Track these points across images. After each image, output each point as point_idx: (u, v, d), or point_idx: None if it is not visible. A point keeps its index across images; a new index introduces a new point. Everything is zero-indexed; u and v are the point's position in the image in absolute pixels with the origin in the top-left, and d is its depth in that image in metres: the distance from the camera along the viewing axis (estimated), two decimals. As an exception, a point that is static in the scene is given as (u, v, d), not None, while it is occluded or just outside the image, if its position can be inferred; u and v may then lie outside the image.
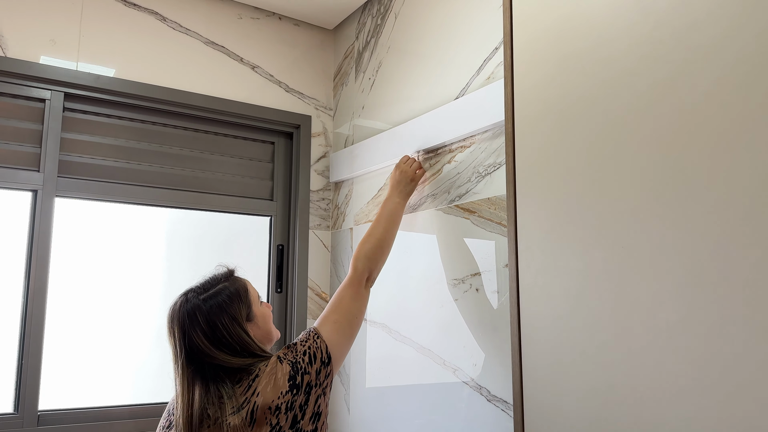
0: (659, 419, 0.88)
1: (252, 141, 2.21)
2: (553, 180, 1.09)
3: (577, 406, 1.00)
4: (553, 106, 1.10)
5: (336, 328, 1.43)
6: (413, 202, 1.84)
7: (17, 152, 1.80)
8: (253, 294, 1.44)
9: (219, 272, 1.45)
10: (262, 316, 1.45)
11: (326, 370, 1.36)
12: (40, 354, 1.73)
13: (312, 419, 1.32)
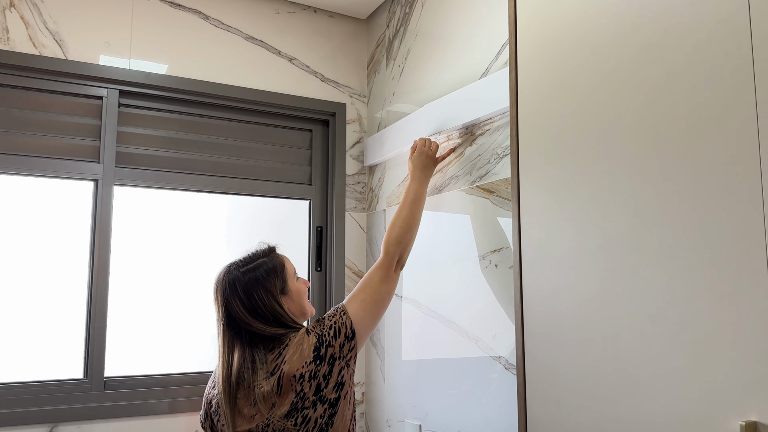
0: (643, 376, 0.95)
1: (291, 129, 2.35)
2: (553, 163, 1.16)
3: (571, 366, 1.08)
4: (554, 93, 1.17)
5: (362, 307, 1.54)
6: (438, 183, 1.93)
7: (79, 146, 2.00)
8: (290, 270, 1.58)
9: (260, 248, 1.61)
10: (296, 291, 1.59)
11: (350, 345, 1.47)
12: (104, 326, 1.94)
13: (335, 388, 1.45)
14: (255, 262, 1.57)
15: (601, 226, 1.04)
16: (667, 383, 0.92)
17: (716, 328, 0.85)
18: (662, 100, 0.95)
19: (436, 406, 1.87)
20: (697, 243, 0.88)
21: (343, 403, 1.48)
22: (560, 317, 1.11)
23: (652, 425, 0.93)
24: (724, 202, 0.85)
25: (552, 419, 1.12)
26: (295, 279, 1.62)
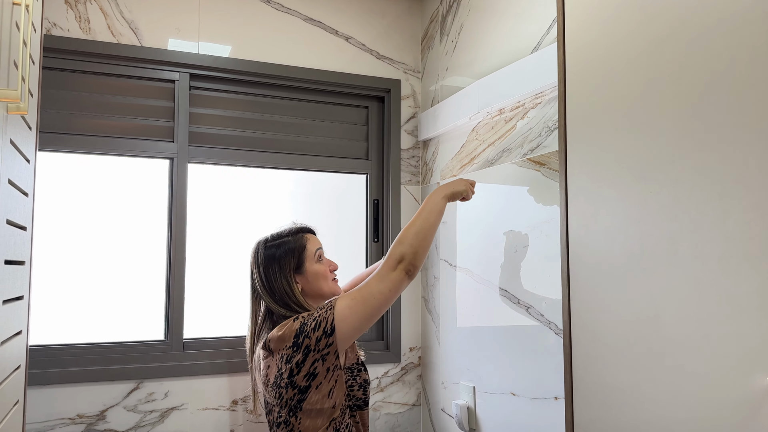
0: (680, 338, 1.02)
1: (348, 106, 2.45)
2: (599, 136, 1.22)
3: (614, 329, 1.15)
4: (601, 68, 1.22)
5: (350, 305, 1.53)
6: (490, 157, 1.99)
7: (155, 126, 2.16)
8: (310, 251, 1.70)
9: (289, 227, 1.76)
10: (314, 272, 1.70)
11: (327, 340, 1.51)
12: (183, 293, 2.12)
13: (306, 377, 1.52)
14: (279, 240, 1.72)
15: (644, 197, 1.09)
16: (702, 344, 0.97)
17: (750, 294, 0.90)
18: (707, 78, 0.99)
19: (489, 369, 1.96)
20: (732, 213, 0.93)
21: (314, 393, 1.52)
22: (603, 284, 1.18)
23: (687, 384, 0.99)
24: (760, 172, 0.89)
25: (594, 379, 1.19)
26: (316, 261, 1.70)
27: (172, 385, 2.06)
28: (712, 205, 0.97)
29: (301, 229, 1.76)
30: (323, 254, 1.75)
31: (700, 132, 1.00)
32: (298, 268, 1.69)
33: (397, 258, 1.56)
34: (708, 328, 0.97)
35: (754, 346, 0.90)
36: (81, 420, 1.95)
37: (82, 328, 2.04)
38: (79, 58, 2.06)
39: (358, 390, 1.64)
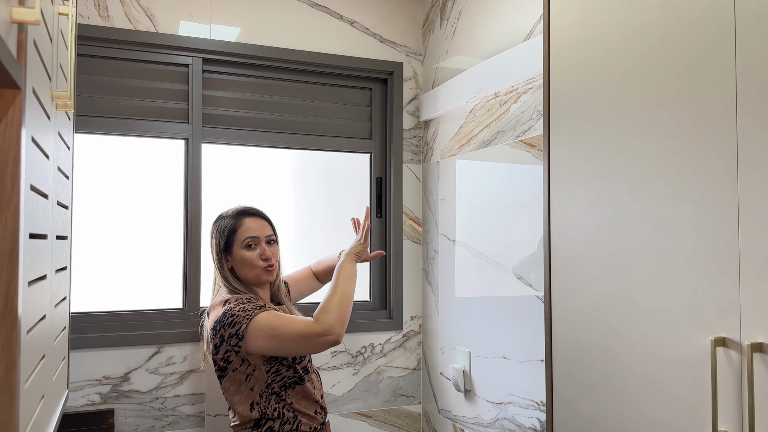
0: (642, 302, 1.15)
1: (352, 88, 2.57)
2: (579, 120, 1.34)
3: (588, 296, 1.29)
4: (583, 58, 1.34)
5: (267, 332, 1.63)
6: (486, 138, 2.12)
7: (171, 109, 2.29)
8: (240, 237, 1.78)
9: (233, 208, 1.88)
10: (240, 257, 1.78)
11: (237, 341, 1.64)
12: (199, 265, 2.28)
13: (223, 360, 1.68)
14: (221, 219, 1.86)
15: (614, 177, 1.22)
16: (659, 307, 1.11)
17: (695, 263, 1.03)
18: (677, 72, 1.11)
19: (483, 335, 2.12)
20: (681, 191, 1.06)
21: (231, 375, 1.68)
22: (580, 256, 1.32)
23: (646, 339, 1.13)
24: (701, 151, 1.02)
25: (571, 338, 1.34)
26: (243, 247, 1.77)
27: (190, 349, 2.22)
28: (666, 186, 1.10)
29: (241, 211, 1.84)
30: (259, 243, 1.80)
31: (666, 118, 1.12)
32: (227, 249, 1.80)
33: (327, 329, 1.65)
34: (663, 293, 1.11)
35: (697, 307, 1.04)
36: (107, 381, 2.12)
37: (108, 297, 2.20)
38: (99, 44, 2.19)
39: (287, 370, 1.72)
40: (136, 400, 2.15)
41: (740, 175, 0.99)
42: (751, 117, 0.97)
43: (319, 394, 1.83)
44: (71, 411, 2.07)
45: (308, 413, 1.76)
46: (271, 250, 1.82)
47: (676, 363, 1.09)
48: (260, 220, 1.85)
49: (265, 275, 1.79)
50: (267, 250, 1.80)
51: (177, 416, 2.20)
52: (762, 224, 0.95)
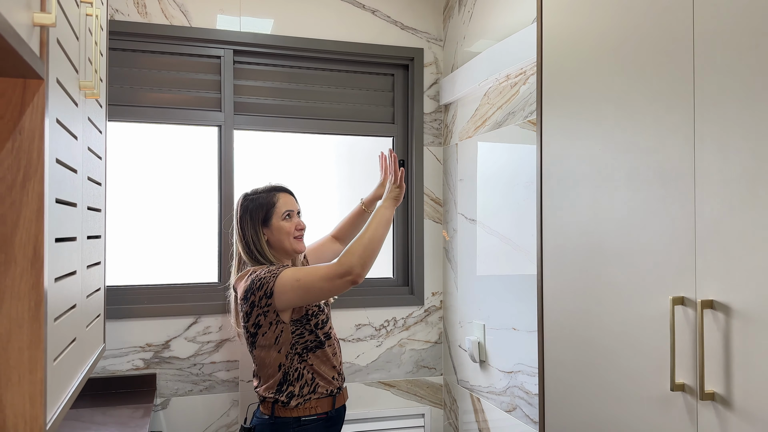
0: (618, 271, 1.23)
1: (375, 75, 2.68)
2: (567, 103, 1.42)
3: (572, 262, 1.38)
4: (571, 41, 1.41)
5: (292, 284, 1.77)
6: (499, 119, 2.20)
7: (204, 98, 2.46)
8: (279, 209, 1.90)
9: (264, 186, 1.99)
10: (278, 227, 1.90)
11: (267, 300, 1.78)
12: (232, 242, 2.45)
13: (253, 325, 1.84)
14: (255, 195, 1.96)
15: (591, 154, 1.30)
16: (629, 273, 1.19)
17: (656, 228, 1.11)
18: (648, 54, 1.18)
19: (496, 309, 2.21)
20: (647, 168, 1.13)
21: (261, 340, 1.83)
22: (566, 225, 1.40)
23: (619, 301, 1.21)
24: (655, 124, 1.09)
25: (561, 307, 1.43)
26: (282, 218, 1.91)
27: (225, 320, 2.41)
28: (636, 155, 1.18)
29: (274, 188, 1.97)
30: (294, 215, 1.94)
31: (636, 97, 1.20)
32: (266, 222, 1.91)
33: (347, 269, 1.75)
34: (635, 256, 1.19)
35: (659, 268, 1.12)
36: (150, 348, 2.33)
37: (151, 272, 2.41)
38: (138, 39, 2.37)
39: (310, 335, 1.85)
40: (176, 366, 2.35)
41: (697, 152, 1.06)
42: (707, 97, 1.04)
43: (338, 362, 1.96)
44: (118, 374, 2.29)
45: (326, 377, 1.89)
46: (302, 223, 1.98)
47: (643, 320, 1.17)
48: (291, 196, 1.99)
49: (297, 243, 1.93)
50: (300, 221, 1.96)
51: (213, 381, 2.39)
52: (712, 197, 1.02)
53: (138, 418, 2.03)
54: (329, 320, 1.95)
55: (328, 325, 1.94)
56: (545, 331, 1.50)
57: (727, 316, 1.00)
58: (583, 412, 1.35)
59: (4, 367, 0.79)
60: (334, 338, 1.97)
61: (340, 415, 1.96)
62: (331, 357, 1.92)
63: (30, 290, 0.80)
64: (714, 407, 1.02)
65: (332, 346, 1.94)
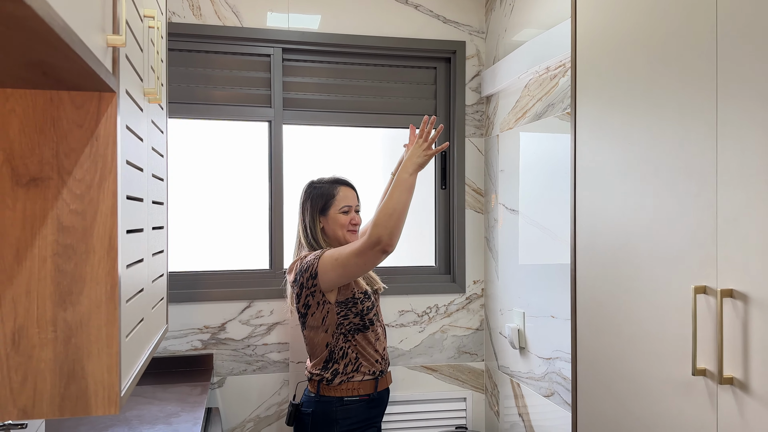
0: (645, 255, 1.28)
1: (418, 68, 2.75)
2: (599, 98, 1.46)
3: (603, 251, 1.43)
4: (604, 41, 1.45)
5: (332, 264, 1.89)
6: (539, 111, 2.24)
7: (255, 94, 2.59)
8: (339, 201, 2.02)
9: (329, 177, 2.10)
10: (334, 218, 2.03)
11: (313, 281, 1.92)
12: (282, 231, 2.59)
13: (303, 306, 1.98)
14: (319, 184, 2.08)
15: (621, 148, 1.34)
16: (656, 259, 1.24)
17: (680, 220, 1.15)
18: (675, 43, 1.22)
19: (535, 297, 2.27)
20: (672, 157, 1.17)
21: (310, 320, 1.97)
22: (598, 217, 1.45)
23: (646, 290, 1.26)
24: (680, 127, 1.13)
25: (593, 296, 1.48)
26: (339, 211, 2.02)
27: (276, 304, 2.55)
28: (664, 152, 1.22)
29: (338, 180, 2.08)
30: (351, 210, 2.04)
31: (664, 93, 1.24)
32: (323, 211, 2.03)
33: (375, 240, 1.81)
34: (660, 245, 1.24)
35: (684, 258, 1.17)
36: (207, 330, 2.50)
37: (208, 259, 2.57)
38: (193, 40, 2.52)
39: (354, 317, 1.96)
40: (231, 347, 2.51)
41: (719, 148, 1.09)
42: (728, 95, 1.07)
43: (382, 346, 2.06)
44: (178, 354, 2.47)
45: (369, 359, 2.00)
46: (358, 218, 2.08)
47: (668, 309, 1.22)
48: (353, 191, 2.08)
49: (350, 235, 2.03)
50: (356, 217, 2.05)
51: (265, 362, 2.54)
52: (733, 191, 1.06)
53: (196, 395, 2.19)
54: (375, 307, 2.04)
55: (373, 312, 2.03)
56: (578, 319, 1.55)
57: (746, 305, 1.04)
58: (612, 396, 1.40)
59: (86, 342, 0.92)
60: (380, 325, 2.07)
61: (383, 398, 2.06)
62: (374, 341, 2.02)
63: (106, 276, 0.92)
64: (733, 391, 1.07)
65: (376, 331, 2.04)
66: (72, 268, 0.91)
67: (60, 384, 0.91)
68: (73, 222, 0.91)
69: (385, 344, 2.09)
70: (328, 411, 1.96)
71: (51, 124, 0.91)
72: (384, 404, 2.08)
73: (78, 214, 0.92)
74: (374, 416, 2.03)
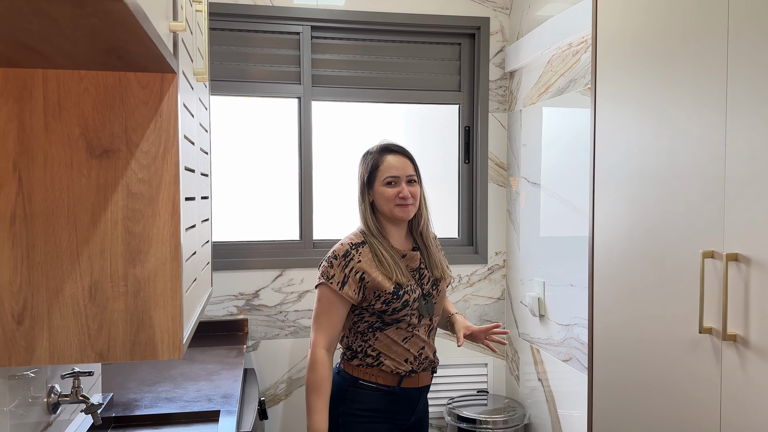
0: (658, 226, 1.36)
1: (443, 44, 2.82)
2: (618, 71, 1.53)
3: (618, 215, 1.51)
4: (628, 21, 1.52)
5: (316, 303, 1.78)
6: (561, 86, 2.30)
7: (285, 71, 2.69)
8: (382, 173, 1.76)
9: (382, 142, 1.84)
10: (379, 192, 1.77)
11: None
12: (311, 205, 2.70)
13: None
14: (368, 153, 1.83)
15: (636, 122, 1.42)
16: (668, 227, 1.32)
17: (690, 189, 1.23)
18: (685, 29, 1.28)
19: (555, 267, 2.36)
20: (684, 135, 1.24)
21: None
22: (615, 191, 1.54)
23: (657, 255, 1.34)
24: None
25: (608, 263, 1.57)
26: (383, 183, 1.75)
27: (306, 273, 2.68)
28: (685, 129, 1.30)
29: (385, 148, 1.81)
30: (400, 181, 1.76)
31: (676, 69, 1.31)
32: (369, 183, 1.79)
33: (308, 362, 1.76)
34: (673, 215, 1.32)
35: (694, 224, 1.25)
36: (242, 296, 2.64)
37: (243, 230, 2.70)
38: (227, 19, 2.61)
39: (371, 316, 1.75)
40: (264, 313, 2.65)
41: (729, 122, 1.17)
42: (739, 69, 1.15)
43: (417, 347, 1.78)
44: (215, 319, 2.62)
45: (394, 358, 1.76)
46: (411, 190, 1.77)
47: (678, 272, 1.31)
48: (403, 159, 1.80)
49: (398, 211, 1.76)
50: (405, 188, 1.76)
51: (296, 327, 2.68)
52: (741, 165, 1.14)
53: (233, 357, 2.33)
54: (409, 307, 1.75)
55: (404, 312, 1.75)
56: (594, 286, 1.65)
57: (748, 267, 1.13)
58: (626, 358, 1.50)
59: (153, 295, 1.05)
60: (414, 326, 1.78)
61: (408, 395, 1.81)
62: (400, 340, 1.76)
63: (170, 237, 1.04)
64: (735, 347, 1.16)
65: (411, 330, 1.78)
66: (140, 230, 1.03)
67: (131, 332, 1.04)
68: (141, 189, 1.03)
69: (425, 345, 1.80)
70: (342, 387, 1.79)
71: (120, 102, 1.03)
72: (412, 401, 1.82)
73: (145, 183, 1.03)
74: (394, 411, 1.80)
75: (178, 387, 1.95)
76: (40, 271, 1.01)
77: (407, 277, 1.77)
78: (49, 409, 1.29)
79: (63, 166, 1.01)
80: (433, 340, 1.87)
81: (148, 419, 1.68)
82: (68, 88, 1.01)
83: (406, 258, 1.81)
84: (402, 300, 1.74)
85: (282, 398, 2.68)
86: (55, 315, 1.01)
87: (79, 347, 1.02)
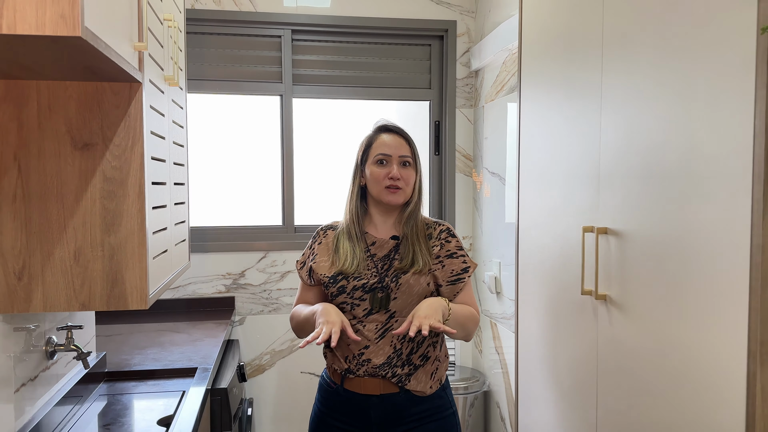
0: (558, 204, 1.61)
1: (414, 46, 3.06)
2: (540, 78, 1.77)
3: (540, 197, 1.76)
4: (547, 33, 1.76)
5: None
6: (513, 84, 2.54)
7: (267, 71, 2.95)
8: (373, 151, 1.61)
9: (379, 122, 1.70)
10: (369, 172, 1.61)
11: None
12: (292, 193, 2.97)
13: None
14: (370, 132, 1.68)
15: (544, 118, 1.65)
16: (558, 205, 1.57)
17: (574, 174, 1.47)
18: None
19: (509, 249, 2.60)
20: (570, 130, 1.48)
21: None
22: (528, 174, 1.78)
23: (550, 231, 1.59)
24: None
25: (528, 239, 1.82)
26: (373, 162, 1.60)
27: (288, 255, 2.94)
28: (569, 124, 1.54)
29: (381, 126, 1.67)
30: (391, 160, 1.59)
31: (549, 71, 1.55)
32: (363, 163, 1.64)
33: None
34: (560, 204, 1.56)
35: (577, 205, 1.49)
36: (229, 276, 2.91)
37: (232, 216, 2.97)
38: (212, 24, 2.87)
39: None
40: (249, 291, 2.93)
41: (602, 117, 1.41)
42: (611, 67, 1.39)
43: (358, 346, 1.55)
44: (205, 296, 2.90)
45: (335, 351, 1.61)
46: (404, 172, 1.59)
47: (568, 243, 1.55)
48: (398, 138, 1.63)
49: (386, 194, 1.58)
50: (397, 170, 1.58)
51: (279, 304, 2.95)
52: (611, 155, 1.38)
53: (220, 330, 2.61)
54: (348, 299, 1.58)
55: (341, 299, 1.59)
56: (519, 261, 1.90)
57: (616, 239, 1.37)
58: (538, 318, 1.75)
59: (125, 258, 1.32)
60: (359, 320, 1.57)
61: (354, 400, 1.58)
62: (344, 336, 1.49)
63: (137, 213, 1.31)
64: (605, 305, 1.41)
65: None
66: (114, 206, 1.30)
67: (107, 287, 1.31)
68: (114, 174, 1.30)
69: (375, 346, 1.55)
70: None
71: (97, 105, 1.29)
72: (355, 409, 1.58)
73: (117, 169, 1.30)
74: (336, 414, 1.61)
75: (165, 350, 2.23)
76: (36, 239, 1.28)
77: (362, 266, 1.58)
78: (47, 355, 1.56)
79: (53, 156, 1.28)
80: (395, 344, 1.55)
81: (135, 374, 1.96)
82: (57, 95, 1.28)
83: (375, 246, 1.62)
84: (338, 285, 1.58)
85: (267, 368, 2.96)
86: (48, 273, 1.28)
87: (66, 299, 1.29)
